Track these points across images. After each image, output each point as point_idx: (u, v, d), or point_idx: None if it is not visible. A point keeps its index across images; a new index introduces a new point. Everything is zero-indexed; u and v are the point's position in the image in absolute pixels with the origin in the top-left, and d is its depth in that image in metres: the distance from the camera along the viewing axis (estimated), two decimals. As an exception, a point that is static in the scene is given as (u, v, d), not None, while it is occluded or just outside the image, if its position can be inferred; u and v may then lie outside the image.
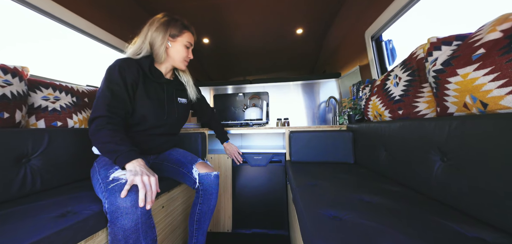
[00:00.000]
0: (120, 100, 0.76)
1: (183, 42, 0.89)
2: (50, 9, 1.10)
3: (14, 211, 0.61)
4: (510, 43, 0.45)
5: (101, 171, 0.72)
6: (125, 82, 0.77)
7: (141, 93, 0.83)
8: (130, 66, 0.79)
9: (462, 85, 0.55)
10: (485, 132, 0.46)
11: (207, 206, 0.96)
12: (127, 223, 0.58)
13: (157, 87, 0.90)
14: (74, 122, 1.01)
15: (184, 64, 0.93)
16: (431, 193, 0.63)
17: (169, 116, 0.94)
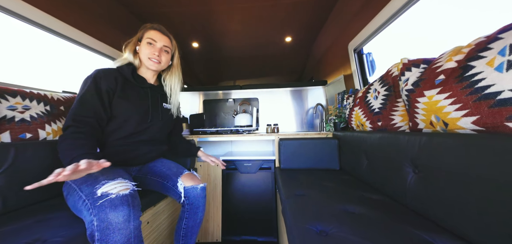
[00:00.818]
0: (89, 107, 0.74)
1: (145, 41, 0.90)
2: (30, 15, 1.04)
3: None
4: (462, 73, 0.52)
5: (83, 187, 0.64)
6: (99, 89, 0.78)
7: (119, 98, 0.83)
8: (107, 74, 0.81)
9: (428, 105, 0.62)
10: (447, 148, 0.53)
11: (193, 220, 0.93)
12: (119, 239, 0.56)
13: (140, 92, 0.91)
14: (47, 133, 0.93)
15: (149, 62, 0.90)
16: (406, 202, 0.70)
17: (153, 119, 0.93)
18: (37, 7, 1.09)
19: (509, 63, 0.43)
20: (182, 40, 2.50)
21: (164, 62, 0.94)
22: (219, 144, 2.05)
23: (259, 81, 4.61)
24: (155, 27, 0.93)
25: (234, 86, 2.37)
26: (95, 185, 0.63)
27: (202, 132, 1.78)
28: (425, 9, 1.03)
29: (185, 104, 2.36)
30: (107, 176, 0.66)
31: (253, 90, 2.38)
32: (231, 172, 1.56)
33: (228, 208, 1.54)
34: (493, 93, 0.46)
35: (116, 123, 0.83)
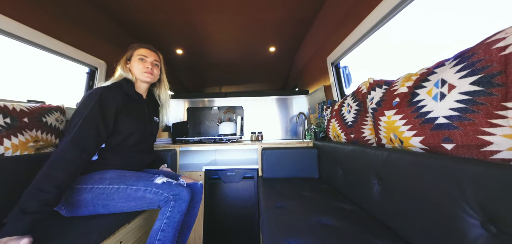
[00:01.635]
0: (92, 130, 0.77)
1: (136, 58, 0.98)
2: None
3: None
4: (411, 98, 0.60)
5: (133, 184, 0.80)
6: (104, 110, 0.80)
7: (125, 116, 0.89)
8: (114, 93, 0.85)
9: (387, 124, 0.70)
10: (402, 164, 0.60)
11: (191, 215, 1.01)
12: (184, 208, 0.81)
13: (139, 109, 0.99)
14: (6, 148, 0.85)
15: (144, 75, 0.98)
16: (372, 212, 0.76)
17: (150, 133, 1.03)
18: (6, 15, 1.02)
19: (442, 94, 0.51)
20: (166, 47, 2.46)
21: (156, 74, 1.03)
22: (202, 153, 2.02)
23: (245, 88, 4.65)
24: (143, 45, 1.01)
25: (219, 94, 2.37)
26: (147, 179, 0.82)
27: (184, 141, 1.75)
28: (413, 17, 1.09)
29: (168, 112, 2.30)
30: (142, 176, 0.85)
31: (238, 98, 2.41)
32: (213, 181, 1.55)
33: (210, 219, 1.52)
34: (432, 118, 0.53)
35: (120, 137, 0.89)
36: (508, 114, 0.41)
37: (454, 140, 0.49)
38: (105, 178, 0.82)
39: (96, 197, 0.78)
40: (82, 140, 0.73)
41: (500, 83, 0.42)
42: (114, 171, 0.86)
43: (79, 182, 0.81)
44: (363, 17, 1.28)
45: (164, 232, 0.76)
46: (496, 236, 0.36)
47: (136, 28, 1.96)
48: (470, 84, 0.46)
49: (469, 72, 0.46)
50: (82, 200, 0.78)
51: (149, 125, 1.03)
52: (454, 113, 0.49)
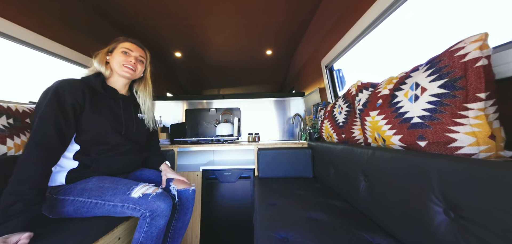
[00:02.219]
0: (50, 126, 0.71)
1: (119, 51, 0.92)
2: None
3: None
4: (391, 100, 0.65)
5: (109, 199, 0.77)
6: (61, 103, 0.75)
7: (90, 113, 0.82)
8: (72, 87, 0.78)
9: (372, 124, 0.75)
10: (384, 160, 0.65)
11: (182, 221, 0.98)
12: (163, 224, 0.78)
13: (112, 104, 0.91)
14: (8, 148, 0.89)
15: (123, 69, 0.91)
16: (359, 207, 0.81)
17: (127, 130, 0.94)
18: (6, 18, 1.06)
19: (416, 96, 0.56)
20: (165, 50, 2.51)
21: (139, 71, 0.97)
22: (200, 154, 2.06)
23: (243, 90, 4.71)
24: (130, 40, 0.96)
25: (217, 96, 2.42)
26: (123, 193, 0.78)
27: (182, 141, 1.79)
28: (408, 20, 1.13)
29: (167, 113, 2.35)
30: (121, 184, 0.81)
31: (235, 100, 2.46)
32: (211, 181, 1.59)
33: (208, 218, 1.56)
34: (408, 118, 0.58)
35: (91, 136, 0.83)
36: (469, 114, 0.47)
37: (426, 137, 0.55)
38: (86, 189, 0.79)
39: (77, 209, 0.78)
40: (43, 138, 0.69)
41: (462, 87, 0.47)
42: (95, 181, 0.81)
43: (62, 193, 0.79)
44: (354, 21, 1.34)
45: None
46: (454, 220, 0.41)
47: (136, 32, 2.01)
48: (438, 87, 0.51)
49: (437, 76, 0.52)
50: (65, 212, 0.78)
51: (129, 122, 0.95)
52: (426, 114, 0.54)
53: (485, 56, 0.45)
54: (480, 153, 0.46)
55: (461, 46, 0.48)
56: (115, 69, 0.92)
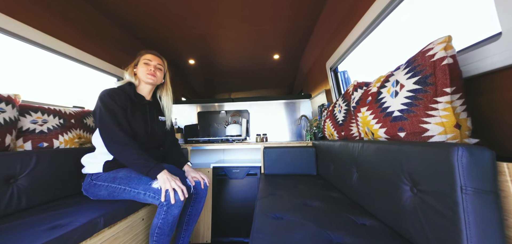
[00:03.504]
0: (123, 120, 0.95)
1: (142, 63, 1.09)
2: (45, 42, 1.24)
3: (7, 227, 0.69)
4: (377, 96, 0.72)
5: (133, 186, 0.92)
6: (118, 105, 0.96)
7: (131, 114, 1.02)
8: (117, 93, 0.99)
9: (362, 119, 0.82)
10: (370, 152, 0.72)
11: (196, 208, 1.14)
12: (176, 212, 0.89)
13: (141, 109, 1.09)
14: (60, 142, 1.11)
15: (148, 77, 1.08)
16: (352, 196, 0.87)
17: (152, 131, 1.12)
18: (58, 38, 1.29)
19: (396, 92, 0.63)
20: (180, 58, 2.73)
21: (158, 77, 1.12)
22: (211, 152, 2.21)
23: (253, 93, 4.85)
24: (150, 51, 1.13)
25: (227, 99, 2.57)
26: (146, 183, 0.91)
27: (195, 141, 1.95)
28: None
29: (182, 115, 2.54)
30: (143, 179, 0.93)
31: (244, 103, 2.59)
32: (221, 178, 1.71)
33: (218, 211, 1.67)
34: (390, 112, 0.65)
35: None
36: (439, 107, 0.53)
37: (405, 129, 0.61)
38: (116, 178, 0.95)
39: (110, 193, 0.95)
40: (113, 136, 0.90)
41: (432, 83, 0.54)
42: (125, 171, 0.97)
43: (99, 179, 0.96)
44: (355, 23, 1.40)
45: (160, 229, 0.90)
46: (416, 195, 0.47)
47: (155, 44, 2.24)
48: (413, 83, 0.58)
49: (412, 74, 0.58)
50: (101, 195, 0.96)
51: (151, 124, 1.12)
52: (404, 107, 0.61)
53: (450, 55, 0.51)
54: (448, 140, 0.52)
55: (431, 47, 0.54)
56: (141, 78, 1.09)
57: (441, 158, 0.39)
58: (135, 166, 0.90)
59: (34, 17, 1.18)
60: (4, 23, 1.01)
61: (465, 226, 0.34)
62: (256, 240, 0.54)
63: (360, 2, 1.32)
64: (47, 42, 1.23)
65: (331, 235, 0.55)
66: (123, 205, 0.94)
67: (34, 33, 1.16)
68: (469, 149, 0.36)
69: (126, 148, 0.90)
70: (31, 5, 1.17)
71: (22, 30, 1.10)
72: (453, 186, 0.36)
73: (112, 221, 0.86)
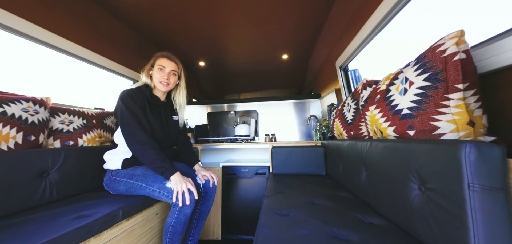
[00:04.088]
0: (143, 120, 1.01)
1: (156, 67, 1.12)
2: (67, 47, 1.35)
3: (40, 216, 0.78)
4: (385, 94, 0.70)
5: (150, 183, 0.98)
6: (138, 105, 1.02)
7: (149, 114, 1.07)
8: (136, 94, 1.04)
9: (371, 118, 0.80)
10: (378, 150, 0.70)
11: (206, 206, 1.19)
12: (188, 212, 0.94)
13: (157, 109, 1.14)
14: (84, 141, 1.21)
15: (161, 86, 1.10)
16: (360, 196, 0.86)
17: (168, 130, 1.18)
18: (79, 44, 1.41)
19: (405, 90, 0.61)
20: (190, 61, 2.82)
21: (172, 83, 1.14)
22: (221, 152, 2.26)
23: (262, 94, 4.87)
24: (164, 55, 1.14)
25: (236, 100, 2.61)
26: (161, 182, 0.96)
27: (205, 140, 2.01)
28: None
29: (193, 116, 2.63)
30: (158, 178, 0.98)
31: (253, 103, 2.61)
32: (230, 177, 1.75)
33: (227, 209, 1.71)
34: (399, 110, 0.64)
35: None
36: (450, 104, 0.51)
37: (414, 127, 0.59)
38: (134, 174, 1.01)
39: (128, 188, 1.01)
40: (134, 135, 0.96)
41: (443, 79, 0.52)
42: (142, 169, 1.02)
43: (118, 175, 1.03)
44: (364, 21, 1.37)
45: (174, 228, 0.95)
46: (424, 193, 0.46)
47: (167, 47, 2.34)
48: (423, 80, 0.56)
49: (422, 70, 0.57)
50: (120, 190, 1.04)
51: (167, 123, 1.17)
52: (413, 105, 0.59)
53: (462, 51, 0.50)
54: (460, 138, 0.50)
55: (442, 42, 0.53)
56: (155, 84, 1.13)
57: (449, 155, 0.38)
58: (152, 165, 0.96)
59: (64, 26, 1.30)
60: (36, 32, 1.13)
61: (472, 224, 0.33)
62: (261, 234, 0.55)
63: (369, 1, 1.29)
64: (72, 49, 1.35)
65: (336, 232, 0.56)
66: (139, 199, 1.00)
67: (62, 41, 1.28)
68: (478, 145, 0.35)
69: (146, 147, 0.95)
70: (61, 16, 1.29)
71: (52, 38, 1.21)
72: (460, 183, 0.35)
73: (130, 214, 0.92)
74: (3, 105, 0.87)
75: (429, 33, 1.09)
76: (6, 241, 0.58)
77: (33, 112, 0.97)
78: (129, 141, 0.98)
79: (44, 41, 1.18)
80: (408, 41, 1.30)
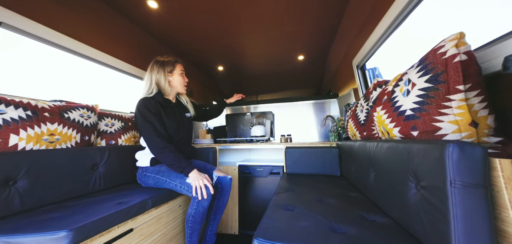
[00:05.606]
0: (158, 126, 1.13)
1: (178, 73, 1.23)
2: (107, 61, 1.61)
3: (93, 201, 0.99)
4: (391, 95, 0.71)
5: (173, 178, 1.13)
6: (153, 112, 1.12)
7: (164, 118, 1.18)
8: (150, 102, 1.15)
9: (378, 119, 0.81)
10: (383, 151, 0.71)
11: (222, 201, 1.29)
12: (206, 204, 1.06)
13: (171, 111, 1.25)
14: (123, 141, 1.44)
15: (184, 89, 1.26)
16: (369, 195, 0.86)
17: (183, 129, 1.29)
18: (110, 54, 1.66)
19: (408, 91, 0.62)
20: (210, 66, 3.02)
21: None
22: (238, 152, 2.38)
23: (279, 95, 4.89)
24: (180, 61, 1.28)
25: (252, 101, 2.71)
26: (182, 177, 1.10)
27: (222, 141, 2.14)
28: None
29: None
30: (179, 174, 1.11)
31: (268, 105, 2.68)
32: (246, 175, 1.85)
33: (244, 206, 1.81)
34: (403, 111, 0.64)
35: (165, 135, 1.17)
36: (452, 105, 0.52)
37: (418, 127, 0.60)
38: (160, 170, 1.17)
39: (156, 183, 1.17)
40: (152, 142, 1.09)
41: (443, 80, 0.52)
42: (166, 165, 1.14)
43: (147, 171, 1.20)
44: (379, 18, 1.33)
45: (194, 217, 1.08)
46: (419, 191, 0.47)
47: (187, 54, 2.56)
48: (424, 82, 0.57)
49: (424, 72, 0.58)
50: (149, 183, 1.20)
51: (181, 121, 1.28)
52: (416, 106, 0.60)
53: (463, 52, 0.50)
54: (463, 139, 0.50)
55: (442, 44, 0.53)
56: (177, 88, 1.25)
57: (436, 154, 0.40)
58: (172, 166, 1.09)
59: (101, 42, 1.57)
60: (82, 49, 1.39)
61: (453, 217, 0.34)
62: (264, 224, 0.62)
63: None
64: (108, 61, 1.61)
65: (335, 226, 0.59)
66: (165, 192, 1.16)
67: (102, 55, 1.54)
68: (461, 145, 0.36)
69: (164, 151, 1.07)
70: (98, 32, 1.56)
71: (93, 53, 1.48)
72: (444, 180, 0.37)
73: (157, 203, 1.08)
74: (68, 112, 1.12)
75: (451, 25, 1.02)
76: (74, 216, 0.76)
77: (87, 117, 1.21)
78: (149, 147, 1.12)
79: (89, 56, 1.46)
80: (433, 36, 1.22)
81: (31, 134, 0.94)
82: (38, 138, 0.97)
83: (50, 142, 1.02)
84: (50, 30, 1.21)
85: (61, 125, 1.07)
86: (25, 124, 0.93)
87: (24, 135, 0.92)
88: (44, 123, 0.99)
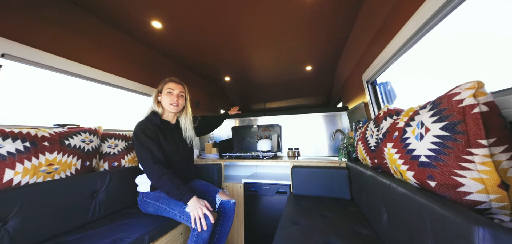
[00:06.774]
0: (156, 152, 1.08)
1: (165, 92, 1.18)
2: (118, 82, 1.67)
3: (90, 235, 0.94)
4: (402, 135, 0.65)
5: (172, 206, 1.09)
6: (150, 137, 1.10)
7: (163, 141, 1.15)
8: (147, 125, 1.13)
9: (388, 155, 0.74)
10: (397, 195, 0.65)
11: (225, 227, 1.23)
12: (206, 236, 1.01)
13: (170, 133, 1.22)
14: (125, 161, 1.42)
15: (171, 107, 1.18)
16: (383, 238, 0.79)
17: (183, 150, 1.26)
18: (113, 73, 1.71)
19: (421, 135, 0.56)
20: (217, 76, 3.05)
21: (180, 104, 1.22)
22: (244, 167, 2.35)
23: (287, 103, 4.82)
24: (172, 79, 1.22)
25: (258, 112, 2.68)
26: (181, 206, 1.06)
27: (228, 156, 2.13)
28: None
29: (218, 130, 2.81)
30: (178, 203, 1.07)
31: (275, 117, 2.62)
32: (252, 193, 1.81)
33: (250, 225, 1.76)
34: (417, 156, 0.58)
35: (164, 158, 1.14)
36: (475, 159, 0.45)
37: (435, 178, 0.53)
38: (160, 197, 1.13)
39: (155, 210, 1.14)
40: (149, 169, 1.06)
41: (462, 131, 0.46)
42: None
43: (148, 197, 1.17)
44: (394, 33, 1.25)
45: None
46: None
47: (194, 67, 2.61)
48: (439, 129, 0.51)
49: (438, 118, 0.51)
50: (149, 210, 1.17)
51: (181, 144, 1.24)
52: (432, 154, 0.53)
53: (483, 103, 0.44)
54: (491, 202, 0.43)
55: (457, 91, 0.47)
56: (165, 107, 1.21)
57: (462, 233, 0.34)
58: (170, 194, 1.06)
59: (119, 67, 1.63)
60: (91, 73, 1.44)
61: None
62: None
63: (397, 15, 1.19)
64: (116, 82, 1.66)
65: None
66: (165, 220, 1.13)
67: (110, 77, 1.60)
68: (494, 233, 0.30)
69: (162, 178, 1.04)
70: (120, 60, 1.63)
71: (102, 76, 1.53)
72: None
73: (155, 237, 1.04)
74: (69, 138, 1.09)
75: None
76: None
77: (88, 141, 1.19)
78: (146, 173, 1.09)
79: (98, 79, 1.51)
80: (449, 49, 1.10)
81: (28, 167, 0.90)
82: (35, 170, 0.93)
83: (48, 173, 0.98)
84: (59, 58, 1.23)
85: (61, 153, 1.04)
86: (22, 157, 0.89)
87: (20, 168, 0.88)
88: (42, 153, 0.96)
